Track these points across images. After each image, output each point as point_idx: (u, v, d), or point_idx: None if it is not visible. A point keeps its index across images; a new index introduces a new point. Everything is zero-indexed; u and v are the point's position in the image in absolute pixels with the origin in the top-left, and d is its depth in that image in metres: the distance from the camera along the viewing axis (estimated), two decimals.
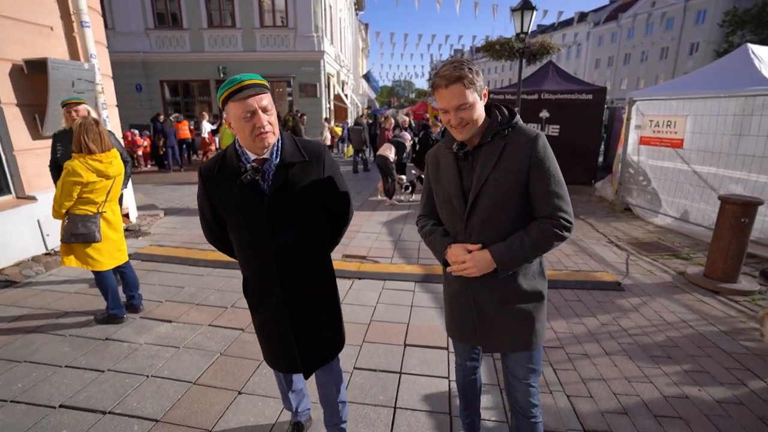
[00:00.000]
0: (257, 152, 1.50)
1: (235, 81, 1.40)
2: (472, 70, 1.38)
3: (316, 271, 1.68)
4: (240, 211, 1.54)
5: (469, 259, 1.47)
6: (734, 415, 2.29)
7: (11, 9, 4.07)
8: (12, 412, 2.22)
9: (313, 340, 1.69)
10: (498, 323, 1.55)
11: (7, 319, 3.22)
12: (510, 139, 1.45)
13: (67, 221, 2.83)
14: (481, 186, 1.45)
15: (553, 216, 1.43)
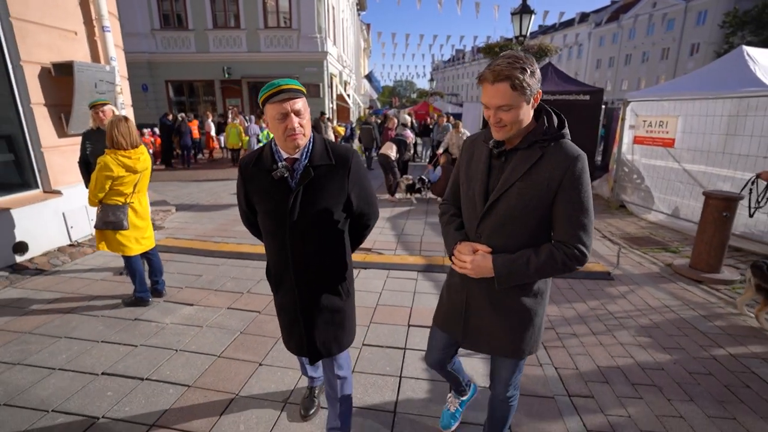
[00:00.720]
0: (289, 152, 1.63)
1: (273, 85, 1.53)
2: (526, 71, 1.28)
3: (331, 268, 1.76)
4: (268, 202, 1.67)
5: (470, 261, 1.46)
6: (702, 384, 2.57)
7: (41, 16, 4.35)
8: (62, 378, 2.51)
9: (319, 331, 1.77)
10: (484, 326, 1.56)
11: (43, 302, 3.50)
12: (549, 151, 1.36)
13: (100, 210, 3.12)
14: (504, 191, 1.41)
15: (569, 243, 1.37)
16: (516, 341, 1.54)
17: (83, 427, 2.12)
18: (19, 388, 2.40)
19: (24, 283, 3.87)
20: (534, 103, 1.35)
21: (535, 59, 4.82)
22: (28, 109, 4.36)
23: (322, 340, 1.79)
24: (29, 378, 2.50)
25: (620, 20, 45.22)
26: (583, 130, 9.72)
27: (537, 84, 1.31)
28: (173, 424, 2.15)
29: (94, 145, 3.84)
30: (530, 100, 1.33)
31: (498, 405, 1.78)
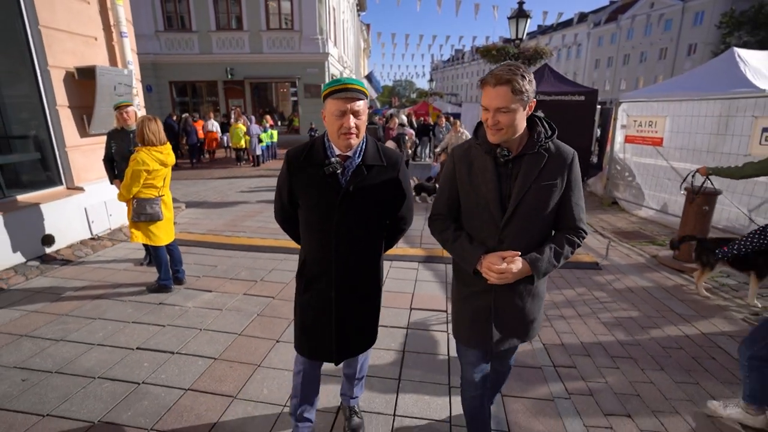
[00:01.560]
0: (341, 149, 1.63)
1: (339, 81, 1.54)
2: (525, 78, 1.40)
3: (368, 267, 1.78)
4: (316, 197, 1.65)
5: (509, 268, 1.48)
6: (673, 356, 2.88)
7: (66, 23, 4.65)
8: (102, 351, 2.81)
9: (351, 329, 1.78)
10: (510, 320, 1.66)
11: (73, 289, 3.80)
12: (552, 153, 1.51)
13: (135, 204, 3.43)
14: (523, 195, 1.49)
15: (576, 228, 1.56)
16: (536, 324, 1.71)
17: (127, 390, 2.42)
18: (66, 360, 2.70)
19: (53, 272, 4.17)
20: (529, 110, 1.46)
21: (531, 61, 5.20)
22: (54, 111, 4.66)
23: (352, 340, 1.81)
24: (73, 352, 2.80)
25: (618, 20, 45.51)
26: (578, 130, 10.04)
27: (533, 92, 1.43)
28: (205, 388, 2.45)
29: (119, 144, 4.14)
30: (526, 107, 1.43)
31: (497, 376, 1.99)
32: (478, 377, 1.76)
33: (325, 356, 1.80)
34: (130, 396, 2.37)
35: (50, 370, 2.59)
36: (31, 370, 2.59)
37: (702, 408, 2.36)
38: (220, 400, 2.35)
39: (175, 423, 2.17)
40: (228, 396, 2.40)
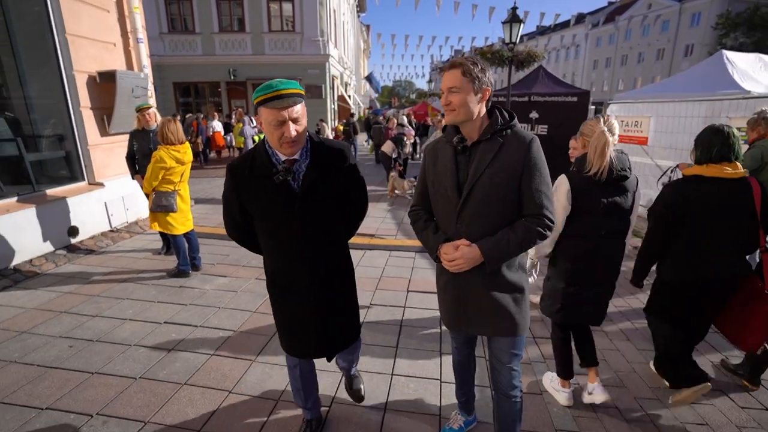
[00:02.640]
0: (287, 154, 1.56)
1: (270, 87, 1.44)
2: (476, 65, 1.49)
3: (338, 261, 1.79)
4: (271, 208, 1.60)
5: (459, 255, 1.55)
6: (639, 329, 3.26)
7: (88, 31, 5.02)
8: (134, 325, 3.18)
9: (336, 326, 1.80)
10: (481, 310, 1.66)
11: (100, 275, 4.17)
12: (507, 139, 1.54)
13: (154, 196, 3.79)
14: (477, 179, 1.53)
15: (538, 214, 1.53)
16: (511, 317, 1.64)
17: (161, 355, 2.79)
18: (104, 331, 3.07)
19: (80, 260, 4.53)
20: (483, 97, 1.53)
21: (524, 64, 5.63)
22: (78, 112, 5.03)
23: (338, 336, 1.82)
24: (108, 325, 3.17)
25: (616, 21, 45.90)
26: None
27: (487, 81, 1.51)
28: (228, 353, 2.82)
29: (140, 143, 4.50)
30: (478, 92, 1.50)
31: (504, 403, 1.78)
32: (459, 356, 2.00)
33: (316, 354, 1.84)
34: (163, 359, 2.74)
35: (92, 339, 2.96)
36: (75, 338, 2.96)
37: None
38: (242, 363, 2.72)
39: (205, 379, 2.54)
40: (248, 359, 2.76)
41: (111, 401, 2.32)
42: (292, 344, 1.83)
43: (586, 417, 2.31)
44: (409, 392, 2.47)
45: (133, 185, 5.65)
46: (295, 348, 1.83)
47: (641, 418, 2.31)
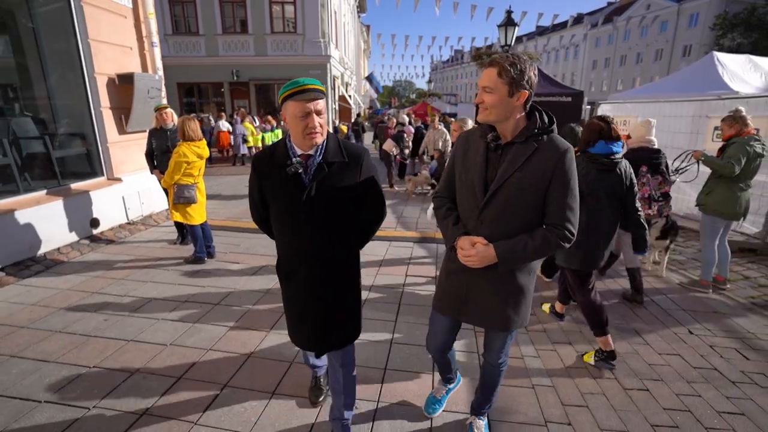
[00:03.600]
0: (304, 148, 1.66)
1: (297, 83, 1.56)
2: (515, 66, 1.44)
3: (342, 262, 1.81)
4: (282, 197, 1.70)
5: (475, 253, 1.55)
6: (614, 307, 3.61)
7: (108, 36, 5.38)
8: (159, 303, 3.54)
9: (329, 323, 1.81)
10: (481, 305, 1.69)
11: (122, 261, 4.52)
12: (542, 145, 1.51)
13: (176, 189, 4.15)
14: (504, 181, 1.52)
15: (560, 225, 1.51)
16: (512, 315, 1.69)
17: (187, 326, 3.14)
18: (133, 307, 3.43)
19: (102, 249, 4.89)
20: (519, 99, 1.48)
21: None
22: (99, 112, 5.39)
23: (330, 333, 1.83)
24: (136, 303, 3.53)
25: (615, 22, 46.22)
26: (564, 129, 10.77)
27: (525, 84, 1.46)
28: (245, 326, 3.18)
29: (158, 141, 4.86)
30: (513, 94, 1.46)
31: (490, 371, 1.95)
32: (434, 345, 2.01)
33: (308, 345, 1.90)
34: (189, 330, 3.10)
35: (123, 314, 3.32)
36: (108, 313, 3.32)
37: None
38: (259, 333, 3.08)
39: (227, 346, 2.90)
40: (264, 331, 3.12)
41: (148, 362, 2.68)
42: (292, 332, 1.92)
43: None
44: (405, 356, 2.82)
45: (148, 180, 6.03)
46: (295, 337, 1.92)
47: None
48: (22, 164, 4.75)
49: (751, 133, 3.68)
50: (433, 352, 2.06)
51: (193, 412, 2.23)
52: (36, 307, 3.41)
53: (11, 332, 3.01)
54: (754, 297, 3.90)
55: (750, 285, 4.18)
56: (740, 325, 3.34)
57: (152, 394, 2.37)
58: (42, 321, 3.18)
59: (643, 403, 2.42)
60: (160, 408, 2.26)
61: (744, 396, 2.47)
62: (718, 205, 3.82)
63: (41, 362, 2.65)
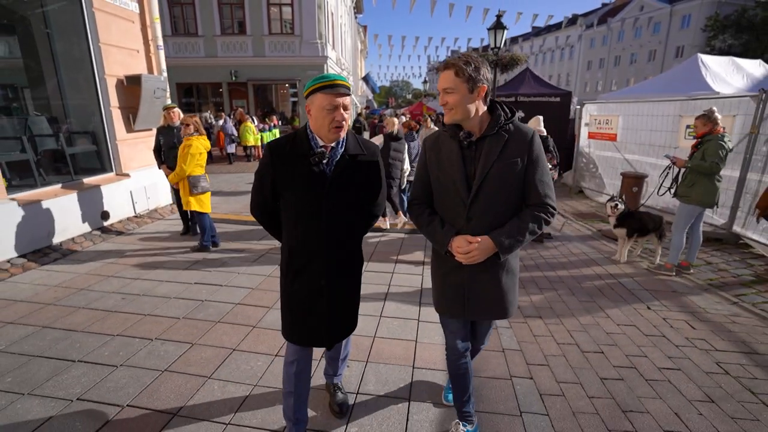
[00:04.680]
0: (328, 141, 1.69)
1: (329, 77, 1.60)
2: (470, 64, 1.52)
3: (354, 250, 1.88)
4: (302, 187, 1.70)
5: (475, 248, 1.59)
6: (584, 287, 3.98)
7: (117, 39, 5.72)
8: (171, 285, 3.88)
9: (341, 313, 1.87)
10: (483, 296, 1.73)
11: (133, 250, 4.87)
12: (511, 134, 1.61)
13: (191, 180, 4.51)
14: (486, 173, 1.59)
15: (542, 203, 1.61)
16: (509, 302, 1.77)
17: (197, 303, 3.49)
18: (146, 289, 3.78)
19: (112, 240, 5.23)
20: (479, 94, 1.56)
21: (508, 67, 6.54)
22: (108, 111, 5.72)
23: (343, 322, 1.89)
24: (149, 285, 3.87)
25: (609, 23, 46.75)
26: (554, 128, 11.15)
27: (482, 79, 1.54)
28: (249, 303, 3.53)
29: (165, 138, 5.20)
30: (473, 90, 1.54)
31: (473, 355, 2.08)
32: (460, 344, 1.87)
33: (317, 342, 1.86)
34: (199, 306, 3.45)
35: (138, 294, 3.66)
36: (125, 293, 3.67)
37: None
38: (261, 310, 3.43)
39: (234, 319, 3.25)
40: (265, 307, 3.47)
41: (164, 332, 3.03)
42: (297, 329, 1.84)
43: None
44: (393, 327, 3.18)
45: (154, 176, 6.37)
46: (299, 334, 1.84)
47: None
48: (38, 160, 5.09)
49: (720, 131, 4.04)
50: (455, 358, 1.90)
51: (207, 370, 2.58)
52: (59, 288, 3.76)
53: (40, 308, 3.36)
54: (712, 279, 4.29)
55: (711, 270, 4.57)
56: (694, 302, 3.72)
57: (170, 356, 2.73)
58: (65, 299, 3.53)
59: (596, 362, 2.79)
60: (177, 366, 2.61)
61: (683, 356, 2.85)
62: (701, 196, 4.11)
63: (70, 331, 3.00)
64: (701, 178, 4.10)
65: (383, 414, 2.22)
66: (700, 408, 2.33)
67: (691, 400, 2.41)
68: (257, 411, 2.22)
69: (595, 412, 2.30)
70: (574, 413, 2.29)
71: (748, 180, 5.22)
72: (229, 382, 2.47)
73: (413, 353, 2.81)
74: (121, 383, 2.43)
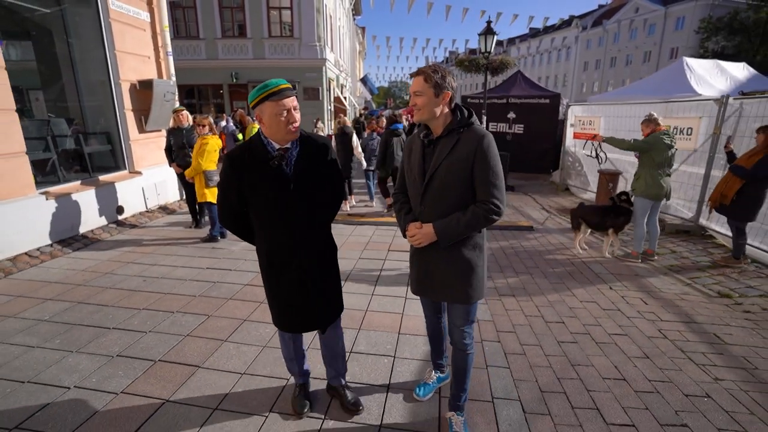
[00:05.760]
0: (283, 143, 1.79)
1: (271, 85, 1.68)
2: (437, 72, 1.73)
3: (326, 239, 2.02)
4: (267, 190, 1.79)
5: (417, 232, 1.85)
6: (556, 270, 4.44)
7: (131, 47, 6.17)
8: (184, 270, 4.33)
9: (327, 300, 2.02)
10: (440, 280, 1.93)
11: (148, 240, 5.31)
12: (463, 135, 1.78)
13: (207, 174, 4.96)
14: (435, 169, 1.80)
15: (486, 201, 1.75)
16: (464, 288, 1.89)
17: (209, 285, 3.94)
18: (163, 273, 4.23)
19: (127, 232, 5.68)
20: (444, 99, 1.77)
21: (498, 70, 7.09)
22: (122, 113, 6.17)
23: (328, 308, 2.04)
24: (165, 270, 4.32)
25: (604, 24, 47.29)
26: (544, 128, 11.63)
27: (446, 86, 1.76)
28: (257, 283, 3.98)
29: (175, 139, 5.64)
30: (438, 95, 1.75)
31: (458, 355, 2.07)
32: (432, 316, 2.28)
33: (308, 327, 2.03)
34: (212, 287, 3.90)
35: (157, 277, 4.11)
36: (145, 276, 4.12)
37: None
38: None
39: (243, 296, 3.70)
40: None
41: (183, 306, 3.48)
42: (288, 319, 1.99)
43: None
44: (383, 303, 3.63)
45: (164, 174, 6.82)
46: (290, 323, 2.00)
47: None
48: (59, 158, 5.53)
49: (661, 129, 4.54)
50: (433, 321, 2.31)
51: (223, 335, 3.03)
52: (86, 272, 4.21)
53: (72, 288, 3.81)
54: (673, 265, 4.75)
55: (674, 257, 5.03)
56: (651, 284, 4.18)
57: (190, 325, 3.17)
58: (93, 281, 3.98)
59: (557, 330, 3.25)
60: (197, 332, 3.06)
61: (632, 325, 3.31)
62: (644, 188, 4.64)
63: (102, 306, 3.45)
64: (643, 171, 4.61)
65: (372, 366, 2.68)
66: (636, 362, 2.79)
67: (631, 357, 2.87)
68: (267, 365, 2.67)
69: (549, 366, 2.76)
70: (532, 366, 2.75)
71: (712, 176, 5.68)
72: (242, 344, 2.92)
73: (399, 323, 3.26)
74: (151, 344, 2.88)
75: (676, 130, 6.36)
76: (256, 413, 2.24)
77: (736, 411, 2.32)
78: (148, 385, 2.45)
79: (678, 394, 2.46)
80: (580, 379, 2.62)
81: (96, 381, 2.47)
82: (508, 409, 2.31)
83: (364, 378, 2.56)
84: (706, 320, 3.41)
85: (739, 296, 3.88)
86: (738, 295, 3.91)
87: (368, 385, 2.49)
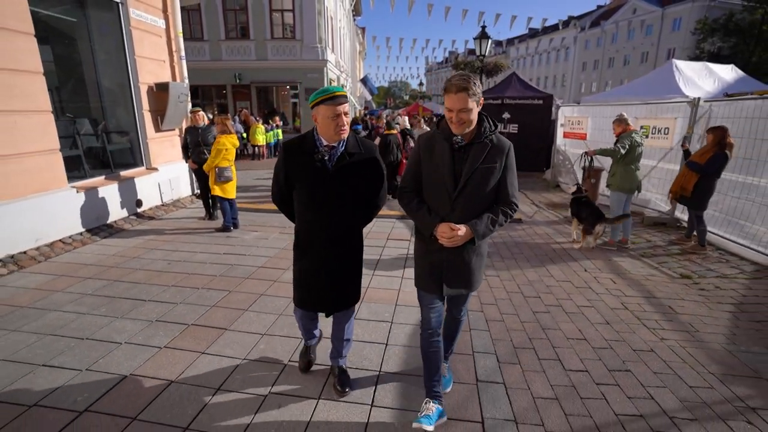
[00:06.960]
0: (331, 141, 2.02)
1: (329, 90, 1.93)
2: (475, 84, 1.84)
3: (351, 234, 2.17)
4: (309, 179, 2.03)
5: (457, 234, 1.89)
6: (538, 255, 4.93)
7: (149, 52, 6.65)
8: (203, 255, 4.81)
9: (340, 288, 2.18)
10: (457, 273, 2.05)
11: (166, 230, 5.79)
12: (493, 143, 1.93)
13: (217, 171, 5.44)
14: (471, 174, 1.91)
15: (510, 202, 1.99)
16: (478, 277, 2.11)
17: (227, 267, 4.42)
18: (185, 257, 4.71)
19: (146, 223, 6.16)
20: (479, 106, 1.88)
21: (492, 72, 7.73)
22: (141, 113, 6.65)
23: (340, 295, 2.21)
24: (186, 254, 4.80)
25: (603, 25, 47.72)
26: (537, 128, 12.10)
27: (480, 93, 1.88)
28: (271, 266, 4.46)
29: (191, 137, 6.12)
30: (477, 104, 1.87)
31: (452, 323, 2.37)
32: (433, 317, 2.14)
33: (320, 308, 2.26)
34: (230, 268, 4.38)
35: (180, 260, 4.60)
36: (168, 260, 4.60)
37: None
38: (279, 271, 4.36)
39: (259, 276, 4.18)
40: (282, 269, 4.40)
41: (206, 284, 3.96)
42: (304, 298, 2.25)
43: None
44: (382, 281, 4.12)
45: (178, 170, 7.30)
46: (305, 302, 2.26)
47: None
48: (84, 155, 6.01)
49: (631, 129, 5.03)
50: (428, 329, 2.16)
51: (245, 305, 3.51)
52: (116, 256, 4.69)
53: (107, 269, 4.29)
54: (645, 252, 5.23)
55: (648, 246, 5.51)
56: (622, 267, 4.67)
57: (215, 298, 3.66)
58: (124, 264, 4.46)
59: (532, 302, 3.73)
60: (222, 303, 3.55)
61: (599, 299, 3.80)
62: (619, 183, 5.14)
63: (135, 283, 3.93)
64: (618, 167, 5.10)
65: (373, 329, 3.16)
66: (598, 327, 3.28)
67: (594, 323, 3.35)
68: (284, 327, 3.16)
69: (523, 330, 3.25)
70: (508, 330, 3.24)
71: None
72: (261, 312, 3.41)
73: (396, 297, 3.75)
74: (183, 313, 3.37)
75: (655, 130, 6.85)
76: (278, 362, 2.72)
77: (672, 360, 2.81)
78: (186, 342, 2.93)
79: (628, 350, 2.95)
80: (548, 339, 3.10)
81: (142, 338, 2.96)
82: (485, 360, 2.80)
83: (366, 338, 3.04)
84: (664, 296, 3.90)
85: (698, 277, 4.36)
86: (698, 276, 4.39)
87: (370, 343, 2.97)
